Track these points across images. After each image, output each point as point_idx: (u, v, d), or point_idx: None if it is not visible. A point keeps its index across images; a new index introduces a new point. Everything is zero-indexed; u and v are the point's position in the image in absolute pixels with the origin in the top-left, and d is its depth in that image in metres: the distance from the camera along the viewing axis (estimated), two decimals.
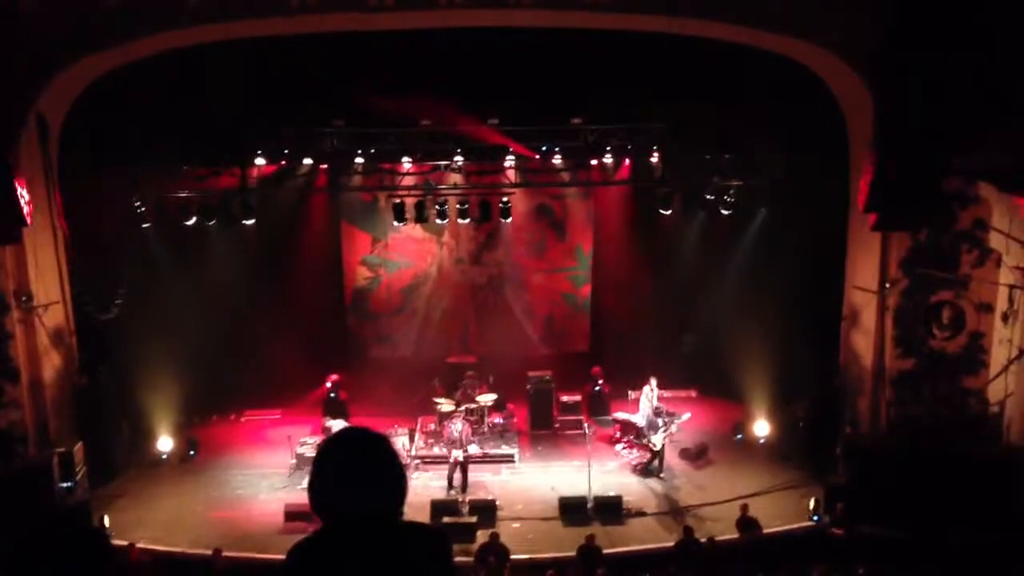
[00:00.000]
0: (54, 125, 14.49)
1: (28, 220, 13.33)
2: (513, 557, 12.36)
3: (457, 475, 15.01)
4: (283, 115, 15.72)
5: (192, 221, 16.31)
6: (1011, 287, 13.68)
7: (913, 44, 12.54)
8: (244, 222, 16.49)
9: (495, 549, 12.31)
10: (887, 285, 14.48)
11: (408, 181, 17.66)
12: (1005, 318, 13.97)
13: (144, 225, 16.27)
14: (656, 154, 16.82)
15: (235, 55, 14.15)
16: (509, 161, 17.12)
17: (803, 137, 14.95)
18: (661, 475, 15.62)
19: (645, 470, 15.72)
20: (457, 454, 14.91)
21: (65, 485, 14.07)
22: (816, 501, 13.82)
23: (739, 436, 17.18)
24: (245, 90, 14.66)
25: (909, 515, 12.46)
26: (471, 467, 15.32)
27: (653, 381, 16.58)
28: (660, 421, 15.78)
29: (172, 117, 14.53)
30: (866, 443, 14.44)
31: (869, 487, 13.37)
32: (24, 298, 14.13)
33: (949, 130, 12.63)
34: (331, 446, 2.74)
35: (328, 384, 17.98)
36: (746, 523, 12.96)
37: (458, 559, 12.55)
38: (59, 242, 14.91)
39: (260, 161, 16.65)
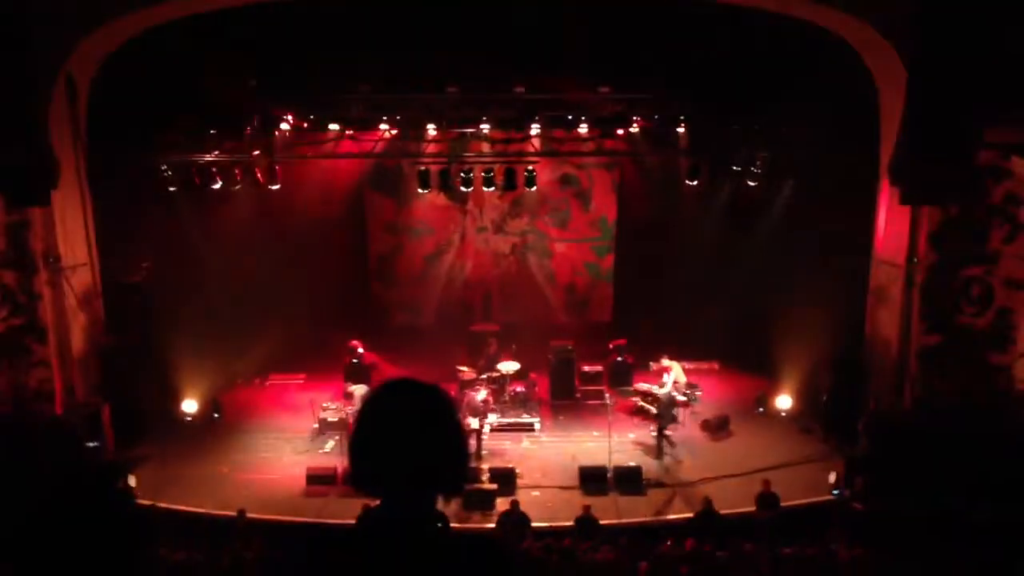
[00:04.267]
0: (82, 87, 14.54)
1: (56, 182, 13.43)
2: (533, 524, 12.44)
3: (472, 442, 15.08)
4: (309, 80, 15.68)
5: (218, 185, 16.36)
6: None
7: (948, 14, 12.29)
8: (270, 187, 16.54)
9: (515, 517, 12.38)
10: (915, 259, 14.31)
11: (433, 148, 17.62)
12: None
13: (171, 189, 16.35)
14: (683, 124, 16.65)
15: (262, 18, 14.11)
16: (535, 129, 16.99)
17: (832, 107, 14.73)
18: (667, 454, 15.37)
19: (658, 450, 15.62)
20: (474, 423, 14.98)
21: (92, 445, 14.30)
22: (837, 475, 13.77)
23: (761, 409, 17.13)
24: (272, 54, 14.64)
25: (931, 491, 12.39)
26: (492, 435, 15.40)
27: (664, 361, 16.61)
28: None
29: (199, 81, 14.54)
30: (889, 418, 14.34)
31: (891, 462, 13.31)
32: (52, 259, 14.27)
33: (983, 103, 12.40)
34: (382, 405, 2.32)
35: (351, 349, 18.08)
36: (766, 499, 12.94)
37: (478, 526, 12.72)
38: (87, 204, 15.03)
39: (286, 126, 16.63)
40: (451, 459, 2.29)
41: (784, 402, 16.73)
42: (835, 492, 13.60)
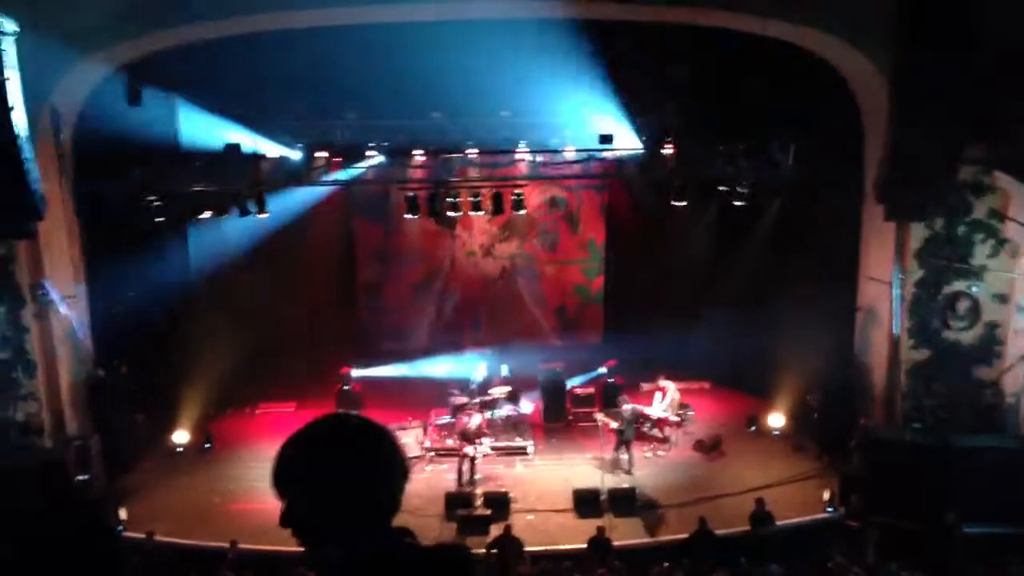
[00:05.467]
0: (68, 119, 14.54)
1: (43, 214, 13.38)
2: (528, 549, 12.37)
3: (466, 467, 15.03)
4: (295, 108, 15.73)
5: (205, 215, 16.35)
6: None
7: (930, 33, 12.43)
8: (257, 216, 16.54)
9: (508, 542, 12.31)
10: (901, 276, 14.39)
11: (420, 174, 17.68)
12: (1020, 308, 13.90)
13: (157, 220, 16.32)
14: (669, 145, 16.76)
15: (249, 48, 14.17)
16: (522, 153, 17.08)
17: (818, 127, 14.87)
18: (624, 469, 15.34)
19: (628, 463, 15.48)
20: (468, 449, 14.91)
21: (82, 478, 14.17)
22: (831, 492, 13.79)
23: (753, 428, 17.13)
24: (258, 83, 14.69)
25: (923, 507, 12.42)
26: (485, 459, 15.35)
27: (661, 381, 16.69)
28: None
29: (184, 110, 14.59)
30: (881, 434, 14.38)
31: (884, 478, 13.32)
32: (40, 292, 14.20)
33: (965, 119, 12.52)
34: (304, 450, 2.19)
35: (343, 376, 18.03)
36: (760, 517, 12.92)
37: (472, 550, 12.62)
38: (74, 236, 14.99)
39: (273, 154, 16.65)
40: (384, 484, 2.21)
41: (776, 420, 16.75)
42: (829, 509, 13.61)
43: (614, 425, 15.41)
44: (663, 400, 16.59)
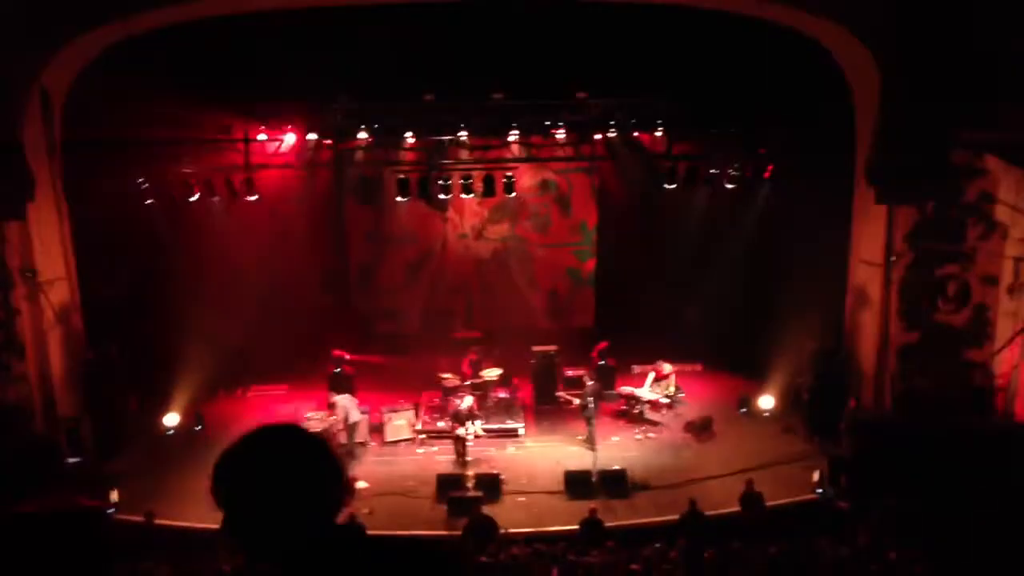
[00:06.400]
0: (57, 99, 14.44)
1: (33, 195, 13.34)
2: (519, 530, 12.42)
3: (458, 449, 15.05)
4: (287, 90, 15.63)
5: (196, 197, 16.28)
6: (1016, 260, 13.65)
7: (921, 16, 12.43)
8: (248, 198, 16.47)
9: (480, 523, 12.24)
10: (892, 258, 14.43)
11: (411, 156, 17.61)
12: (1010, 291, 13.96)
13: (148, 201, 16.25)
14: (661, 128, 16.73)
15: (238, 29, 14.08)
16: (513, 136, 17.04)
17: (809, 110, 14.85)
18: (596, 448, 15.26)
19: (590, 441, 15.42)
20: (460, 431, 14.94)
21: (73, 460, 14.16)
22: (820, 474, 13.85)
23: (744, 409, 17.19)
24: (248, 64, 14.59)
25: (913, 488, 12.49)
26: (477, 441, 15.38)
27: (665, 367, 16.79)
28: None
29: (176, 92, 14.50)
30: (870, 416, 14.46)
31: (874, 460, 13.40)
32: (29, 274, 14.14)
33: (956, 103, 12.54)
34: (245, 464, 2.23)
35: (335, 359, 18.01)
36: (750, 498, 12.99)
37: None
38: (63, 217, 14.91)
39: (263, 136, 16.56)
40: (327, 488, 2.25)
41: (767, 402, 16.81)
42: (819, 491, 13.69)
43: (576, 402, 15.47)
44: (665, 383, 16.68)
